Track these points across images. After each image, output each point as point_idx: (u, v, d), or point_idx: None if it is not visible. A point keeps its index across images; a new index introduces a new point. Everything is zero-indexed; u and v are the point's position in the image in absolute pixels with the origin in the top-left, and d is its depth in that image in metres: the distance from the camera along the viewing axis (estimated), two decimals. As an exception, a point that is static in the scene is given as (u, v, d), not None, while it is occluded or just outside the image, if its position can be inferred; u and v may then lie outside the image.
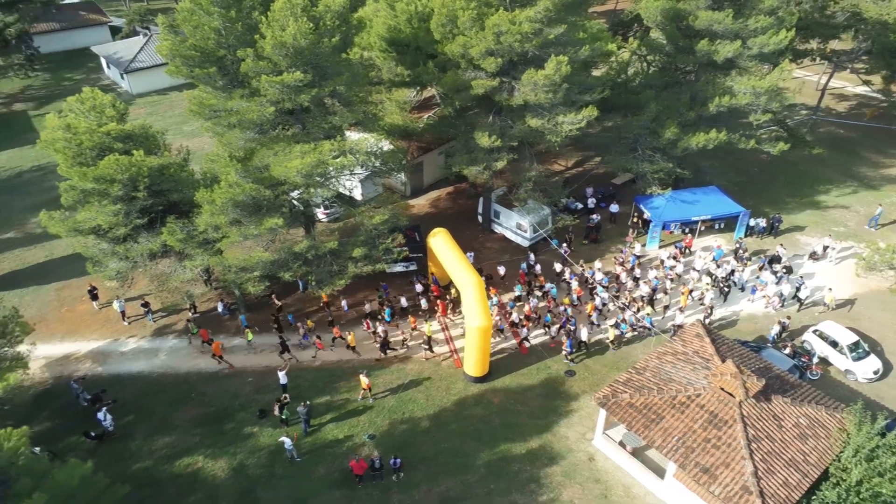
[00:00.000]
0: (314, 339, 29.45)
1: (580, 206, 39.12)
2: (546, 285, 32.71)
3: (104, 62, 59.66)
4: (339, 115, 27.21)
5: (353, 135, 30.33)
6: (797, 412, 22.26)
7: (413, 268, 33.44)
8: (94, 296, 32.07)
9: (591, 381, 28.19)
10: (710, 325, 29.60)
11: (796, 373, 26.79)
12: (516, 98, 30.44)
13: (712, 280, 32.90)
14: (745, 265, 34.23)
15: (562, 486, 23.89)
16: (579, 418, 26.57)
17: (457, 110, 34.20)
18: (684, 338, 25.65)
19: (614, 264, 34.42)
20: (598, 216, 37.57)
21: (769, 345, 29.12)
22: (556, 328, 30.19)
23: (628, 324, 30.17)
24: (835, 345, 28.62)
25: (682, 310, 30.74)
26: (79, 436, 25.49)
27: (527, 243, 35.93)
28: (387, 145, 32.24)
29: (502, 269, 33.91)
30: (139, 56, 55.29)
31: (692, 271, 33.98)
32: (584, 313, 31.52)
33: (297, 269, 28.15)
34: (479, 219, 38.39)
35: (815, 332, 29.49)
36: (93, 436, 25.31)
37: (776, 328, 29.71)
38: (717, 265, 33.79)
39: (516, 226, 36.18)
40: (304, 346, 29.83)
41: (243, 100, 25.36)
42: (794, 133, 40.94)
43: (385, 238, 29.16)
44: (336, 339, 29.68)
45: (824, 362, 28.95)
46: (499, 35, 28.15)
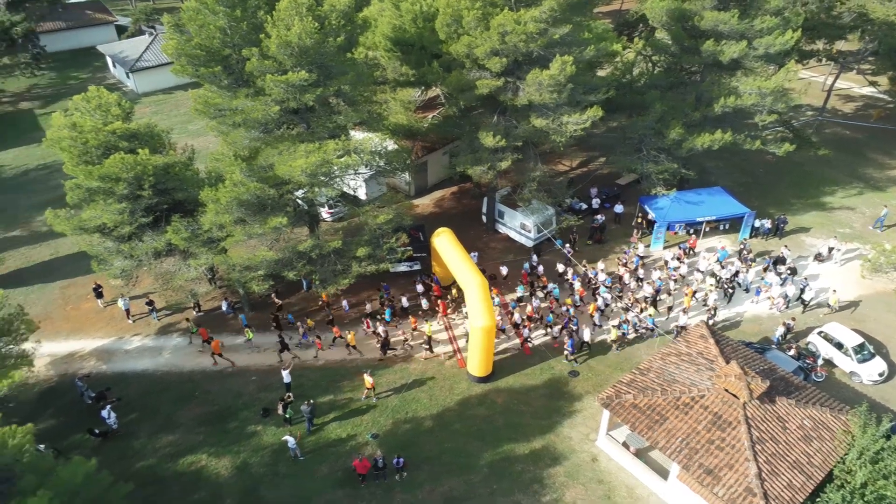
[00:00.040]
0: (313, 338, 29.52)
1: (584, 206, 39.04)
2: (549, 286, 32.70)
3: (110, 61, 59.85)
4: (343, 115, 27.24)
5: (357, 134, 30.37)
6: (802, 414, 22.19)
7: (417, 267, 33.44)
8: (98, 294, 32.20)
9: (595, 382, 28.16)
10: (714, 327, 29.52)
11: (801, 374, 26.72)
12: (521, 98, 30.42)
13: (716, 281, 32.83)
14: (750, 266, 34.15)
15: (565, 486, 23.86)
16: (583, 419, 26.54)
17: (461, 110, 34.19)
18: (688, 339, 25.59)
19: (618, 265, 34.38)
20: (602, 217, 37.47)
21: (774, 346, 29.03)
22: (558, 328, 30.18)
23: (631, 324, 30.14)
24: (840, 346, 28.52)
25: (686, 311, 30.69)
26: (83, 433, 25.58)
27: (531, 243, 35.87)
28: (391, 145, 32.28)
29: (504, 269, 33.90)
30: (145, 55, 55.44)
31: (696, 272, 33.93)
32: (586, 314, 31.49)
33: (301, 268, 28.19)
34: (484, 219, 38.35)
35: (820, 333, 29.39)
36: (97, 433, 25.41)
37: (781, 329, 29.63)
38: (722, 266, 33.71)
39: (520, 226, 36.14)
40: (304, 345, 29.88)
41: (248, 99, 25.42)
42: (799, 134, 40.80)
43: (389, 238, 29.18)
44: (336, 339, 29.72)
45: (829, 364, 28.85)
46: (504, 35, 28.13)
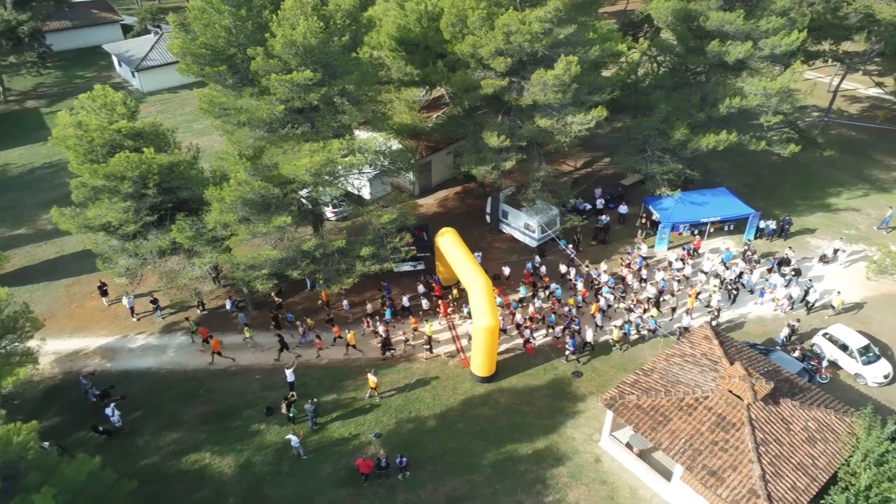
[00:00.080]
0: (313, 337, 29.54)
1: (589, 206, 38.98)
2: (551, 286, 32.67)
3: (115, 60, 60.06)
4: (348, 114, 27.28)
5: (361, 134, 30.38)
6: (806, 416, 22.12)
7: (420, 267, 33.44)
8: (103, 292, 32.28)
9: (599, 383, 28.12)
10: (718, 328, 29.44)
11: (805, 376, 26.60)
12: (525, 98, 30.39)
13: (720, 282, 32.74)
14: (754, 267, 34.05)
15: (568, 487, 23.83)
16: (586, 419, 26.50)
17: (466, 110, 34.20)
18: (692, 340, 25.52)
19: (620, 266, 34.30)
20: (606, 217, 37.39)
21: (778, 348, 28.95)
22: (559, 329, 30.12)
23: (633, 325, 30.07)
24: (845, 348, 28.41)
25: (689, 312, 30.60)
26: (87, 431, 25.67)
27: (535, 244, 35.84)
28: (395, 144, 32.25)
29: (507, 269, 33.87)
30: (150, 54, 55.65)
31: (700, 273, 33.83)
32: (588, 314, 31.39)
33: (305, 267, 28.24)
34: (488, 219, 38.33)
35: (824, 335, 29.28)
36: (101, 431, 25.49)
37: (785, 331, 29.53)
38: (726, 267, 33.62)
39: (524, 226, 36.11)
40: (304, 345, 29.86)
41: (253, 98, 25.46)
42: (805, 135, 40.67)
43: (393, 237, 29.19)
44: (336, 339, 29.71)
45: (834, 366, 28.75)
46: (508, 35, 28.11)
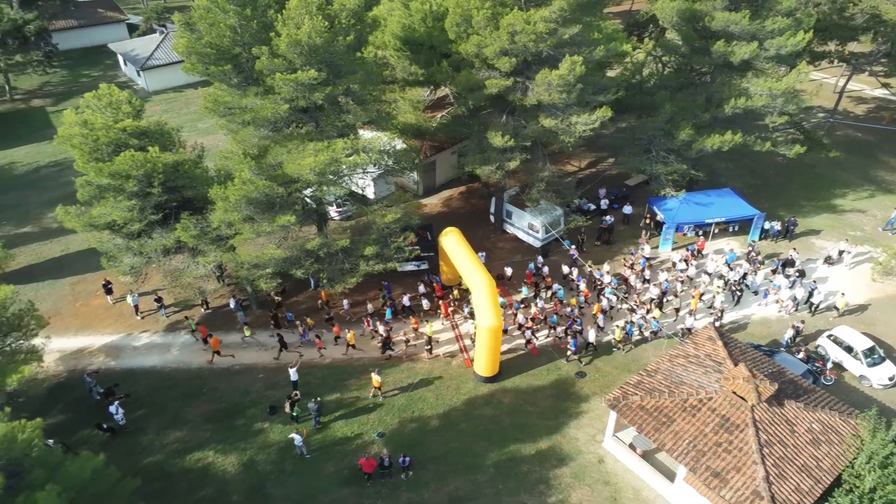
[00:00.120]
0: (313, 337, 29.56)
1: (593, 207, 38.94)
2: (553, 286, 32.61)
3: (121, 59, 60.22)
4: (352, 114, 27.29)
5: (366, 133, 30.42)
6: (810, 417, 22.04)
7: (424, 267, 33.43)
8: (108, 290, 32.37)
9: (602, 383, 28.08)
10: (722, 329, 29.35)
11: (810, 378, 26.50)
12: (530, 98, 30.36)
13: (724, 283, 32.65)
14: (758, 268, 33.95)
15: (571, 487, 23.80)
16: (589, 420, 26.47)
17: (470, 110, 34.16)
18: (696, 341, 25.46)
19: (623, 266, 34.24)
20: (611, 217, 37.34)
21: (782, 349, 28.87)
22: (561, 329, 30.09)
23: (635, 325, 30.01)
24: (849, 350, 28.32)
25: (693, 313, 30.53)
26: (91, 429, 25.73)
27: (539, 244, 35.81)
28: (400, 144, 32.29)
29: (509, 269, 33.82)
30: (155, 53, 55.77)
31: (704, 274, 33.75)
32: (590, 315, 31.31)
33: (309, 266, 28.26)
34: (492, 219, 38.31)
35: (829, 336, 29.21)
36: (105, 428, 25.56)
37: (790, 332, 29.44)
38: (730, 268, 33.52)
39: (528, 226, 36.08)
40: (304, 344, 29.87)
41: (258, 97, 25.50)
42: (810, 136, 40.52)
43: (397, 237, 29.18)
44: (337, 339, 29.72)
45: (838, 367, 28.65)
46: (513, 35, 28.09)
